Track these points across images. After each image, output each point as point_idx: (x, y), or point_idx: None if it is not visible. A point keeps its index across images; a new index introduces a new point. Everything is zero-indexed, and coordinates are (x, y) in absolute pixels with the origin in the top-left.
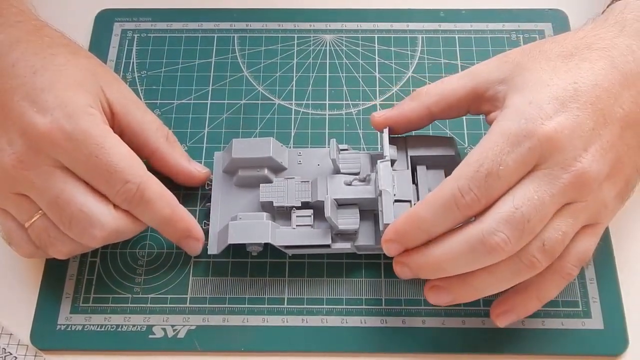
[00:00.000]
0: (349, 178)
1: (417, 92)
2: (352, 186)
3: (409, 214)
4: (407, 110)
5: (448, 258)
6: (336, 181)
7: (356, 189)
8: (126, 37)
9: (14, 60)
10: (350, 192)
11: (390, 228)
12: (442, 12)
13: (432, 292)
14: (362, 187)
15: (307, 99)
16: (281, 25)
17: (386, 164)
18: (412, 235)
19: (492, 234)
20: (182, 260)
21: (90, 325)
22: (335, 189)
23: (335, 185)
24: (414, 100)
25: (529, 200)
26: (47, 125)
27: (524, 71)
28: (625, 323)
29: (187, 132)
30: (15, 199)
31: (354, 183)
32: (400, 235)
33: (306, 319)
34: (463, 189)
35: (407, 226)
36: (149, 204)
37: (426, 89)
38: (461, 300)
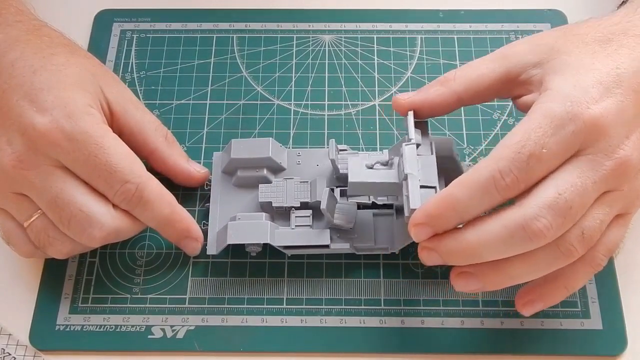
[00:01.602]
0: (371, 161)
1: (445, 78)
2: (374, 169)
3: (442, 195)
4: (434, 95)
5: (484, 243)
6: (357, 164)
7: (378, 172)
8: (125, 37)
9: (13, 59)
10: (372, 175)
11: (421, 210)
12: (441, 12)
13: (461, 279)
14: (385, 171)
15: (306, 100)
16: (280, 26)
17: (411, 147)
18: (445, 218)
19: (534, 220)
20: (181, 260)
21: (89, 326)
22: (356, 172)
23: (356, 168)
24: (442, 85)
25: (572, 186)
26: (47, 125)
27: (562, 54)
28: (624, 323)
29: (186, 132)
30: (15, 199)
31: (376, 167)
32: (432, 218)
33: (305, 319)
34: (503, 171)
35: (440, 208)
36: (148, 204)
37: (454, 74)
38: (490, 288)
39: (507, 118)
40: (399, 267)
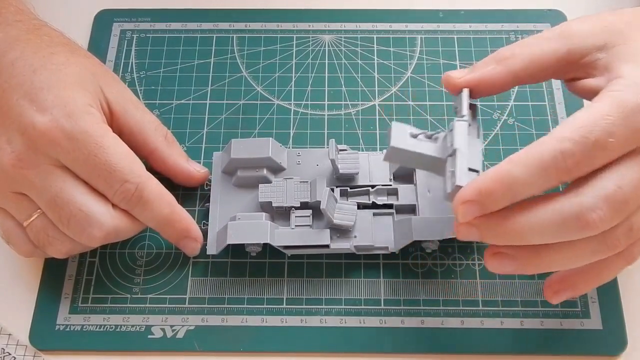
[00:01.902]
0: (417, 131)
1: (501, 55)
2: (418, 140)
3: (497, 171)
4: (491, 74)
5: (532, 227)
6: (401, 129)
7: (422, 143)
8: (125, 37)
9: (13, 59)
10: (416, 145)
11: (472, 187)
12: (441, 12)
13: (496, 260)
14: (429, 144)
15: (306, 100)
16: (280, 26)
17: (463, 124)
18: (497, 196)
19: (590, 211)
20: (181, 260)
21: (89, 326)
22: (400, 138)
23: (400, 134)
24: (499, 63)
25: (631, 181)
26: (47, 124)
27: (631, 41)
28: (624, 323)
29: (186, 132)
30: (14, 198)
31: (420, 137)
32: (483, 196)
33: (305, 319)
34: (566, 152)
35: (495, 185)
36: (147, 203)
37: (511, 51)
38: (525, 272)
39: (507, 118)
40: (399, 267)
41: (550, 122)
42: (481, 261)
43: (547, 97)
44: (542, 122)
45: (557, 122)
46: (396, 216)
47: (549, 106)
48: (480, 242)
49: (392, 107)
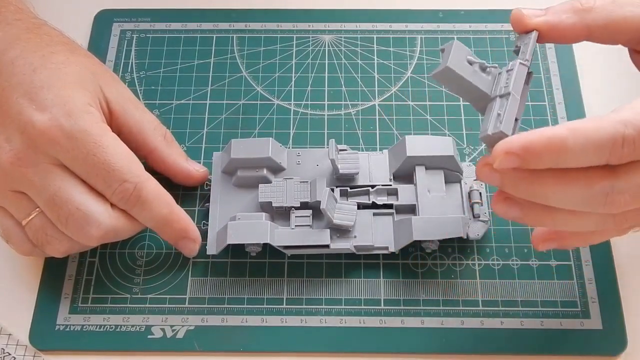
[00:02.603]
0: (474, 59)
1: (581, 5)
2: (472, 67)
3: (551, 135)
4: (566, 23)
5: (558, 190)
6: (461, 50)
7: (475, 72)
8: (125, 37)
9: (13, 57)
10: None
11: (521, 141)
12: (440, 12)
13: (504, 205)
14: (483, 76)
15: (306, 100)
16: (280, 26)
17: (524, 69)
18: (543, 158)
19: (619, 194)
20: (181, 260)
21: (89, 326)
22: (458, 60)
23: (459, 55)
24: (577, 13)
25: None
26: (46, 122)
27: None
28: (624, 323)
29: (186, 132)
30: (13, 197)
31: (475, 67)
32: (529, 153)
33: (305, 319)
34: (628, 138)
35: (545, 148)
36: (145, 203)
37: (592, 5)
38: (527, 223)
39: None
40: (399, 267)
41: (550, 122)
42: (481, 261)
43: (547, 97)
44: (542, 122)
45: (557, 122)
46: (396, 216)
47: (549, 106)
48: (480, 242)
49: (392, 107)
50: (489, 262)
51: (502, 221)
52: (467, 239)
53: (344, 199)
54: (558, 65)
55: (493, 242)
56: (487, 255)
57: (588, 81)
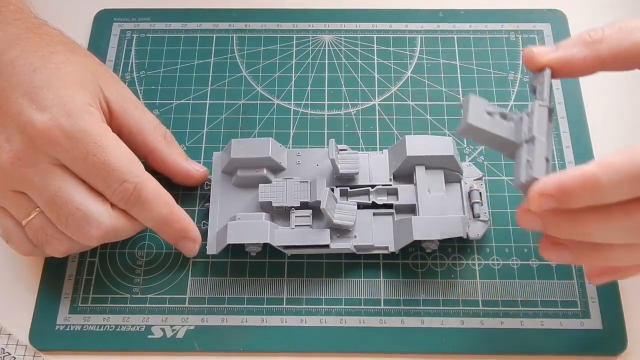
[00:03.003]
0: (493, 108)
1: (590, 38)
2: (494, 118)
3: (583, 173)
4: (578, 57)
5: (601, 227)
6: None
7: (497, 122)
8: (125, 37)
9: (13, 57)
10: (492, 124)
11: (555, 182)
12: (440, 12)
13: (554, 250)
14: (506, 124)
15: (306, 99)
16: (280, 26)
17: (544, 110)
18: (578, 197)
19: None
20: (181, 260)
21: (89, 326)
22: (477, 115)
23: (477, 110)
24: (587, 46)
25: None
26: (46, 122)
27: None
28: (624, 323)
29: (185, 132)
30: (13, 197)
31: (496, 116)
32: (564, 193)
33: (305, 319)
34: None
35: (578, 186)
36: (145, 203)
37: (602, 34)
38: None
39: None
40: (399, 267)
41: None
42: (481, 261)
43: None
44: None
45: (557, 122)
46: (396, 216)
47: None
48: (480, 242)
49: (392, 106)
50: (489, 262)
51: (502, 221)
52: (467, 238)
53: (344, 199)
54: None
55: (493, 242)
56: (487, 255)
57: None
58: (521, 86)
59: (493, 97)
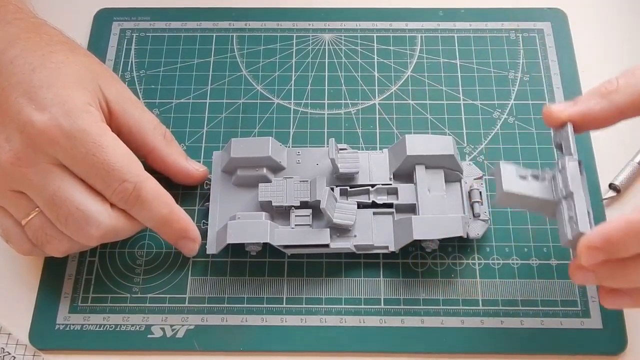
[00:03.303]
0: (524, 172)
1: (606, 89)
2: (527, 181)
3: (626, 220)
4: (596, 109)
5: None
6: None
7: (532, 185)
8: (125, 36)
9: (13, 57)
10: (527, 188)
11: (600, 235)
12: (441, 11)
13: (613, 298)
14: (540, 185)
15: (306, 99)
16: (280, 25)
17: (574, 164)
18: (626, 245)
19: None
20: (180, 260)
21: (89, 325)
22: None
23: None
24: (603, 98)
25: None
26: (46, 122)
27: None
28: (624, 323)
29: (185, 131)
30: (13, 197)
31: (529, 179)
32: (611, 244)
33: (305, 318)
34: None
35: (624, 235)
36: (145, 203)
37: (617, 84)
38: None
39: (507, 117)
40: (399, 266)
41: None
42: (481, 260)
43: (548, 95)
44: (542, 121)
45: None
46: (396, 215)
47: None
48: (480, 241)
49: (392, 106)
50: (489, 262)
51: (502, 220)
52: (467, 238)
53: (344, 199)
54: (558, 64)
55: (493, 242)
56: (487, 254)
57: (588, 80)
58: (521, 85)
59: (493, 96)
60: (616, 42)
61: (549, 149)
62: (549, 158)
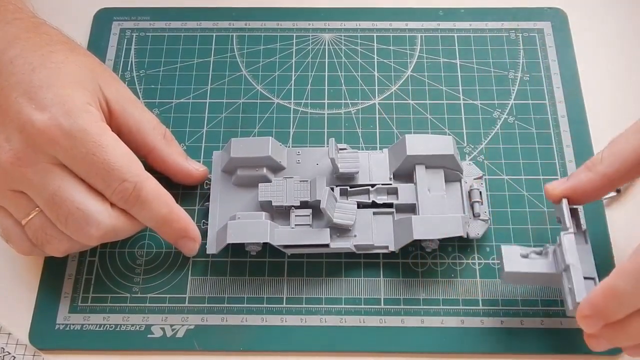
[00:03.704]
0: (526, 250)
1: (591, 162)
2: (530, 259)
3: (605, 288)
4: (584, 181)
5: None
6: (512, 252)
7: (534, 262)
8: (125, 36)
9: (12, 57)
10: (528, 265)
11: (587, 303)
12: (441, 11)
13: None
14: (541, 261)
15: (305, 98)
16: (280, 24)
17: (570, 237)
18: (612, 310)
19: None
20: (180, 260)
21: (88, 325)
22: (513, 261)
23: (512, 257)
24: (590, 170)
25: None
26: (46, 122)
27: None
28: None
29: (185, 131)
30: (13, 196)
31: (531, 256)
32: (598, 311)
33: (305, 318)
34: None
35: (606, 301)
36: (145, 203)
37: (601, 156)
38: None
39: (507, 117)
40: (399, 266)
41: (550, 121)
42: (481, 260)
43: (548, 95)
44: (542, 120)
45: (557, 121)
46: (396, 215)
47: (549, 104)
48: (480, 241)
49: (392, 105)
50: (489, 261)
51: (502, 220)
52: (467, 238)
53: (344, 198)
54: (558, 63)
55: (493, 241)
56: (487, 254)
57: (588, 80)
58: (521, 85)
59: (493, 96)
60: (616, 42)
61: (549, 149)
62: (549, 158)
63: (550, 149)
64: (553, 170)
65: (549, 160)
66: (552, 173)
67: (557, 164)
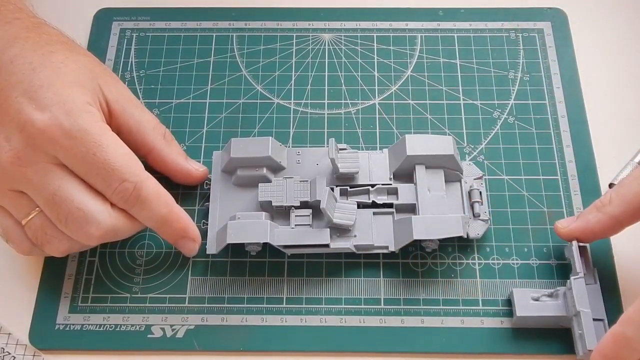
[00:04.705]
0: (537, 294)
1: (601, 202)
2: (541, 302)
3: (614, 335)
4: (593, 222)
5: None
6: (523, 296)
7: (545, 304)
8: (125, 36)
9: (12, 56)
10: (540, 308)
11: (598, 353)
12: (441, 11)
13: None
14: (552, 303)
15: (305, 98)
16: (280, 25)
17: (580, 281)
18: (623, 356)
19: None
20: (180, 260)
21: (88, 325)
22: (524, 306)
23: (523, 301)
24: (599, 211)
25: None
26: (46, 121)
27: None
28: None
29: (185, 131)
30: (13, 196)
31: (542, 299)
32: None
33: (305, 318)
34: None
35: (616, 349)
36: (145, 203)
37: (609, 197)
38: None
39: (507, 117)
40: (399, 266)
41: (550, 121)
42: (481, 260)
43: (548, 95)
44: (542, 120)
45: (557, 121)
46: (396, 215)
47: (549, 105)
48: (480, 241)
49: (392, 105)
50: (489, 262)
51: (502, 220)
52: (467, 238)
53: (344, 198)
54: (558, 63)
55: (493, 242)
56: (487, 254)
57: (588, 80)
58: (521, 85)
59: (493, 96)
60: (616, 41)
61: (549, 149)
62: (549, 158)
63: (550, 149)
64: (553, 170)
65: (549, 160)
66: (552, 173)
67: (557, 164)
